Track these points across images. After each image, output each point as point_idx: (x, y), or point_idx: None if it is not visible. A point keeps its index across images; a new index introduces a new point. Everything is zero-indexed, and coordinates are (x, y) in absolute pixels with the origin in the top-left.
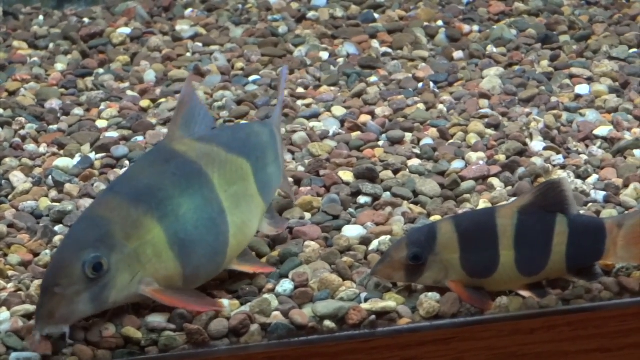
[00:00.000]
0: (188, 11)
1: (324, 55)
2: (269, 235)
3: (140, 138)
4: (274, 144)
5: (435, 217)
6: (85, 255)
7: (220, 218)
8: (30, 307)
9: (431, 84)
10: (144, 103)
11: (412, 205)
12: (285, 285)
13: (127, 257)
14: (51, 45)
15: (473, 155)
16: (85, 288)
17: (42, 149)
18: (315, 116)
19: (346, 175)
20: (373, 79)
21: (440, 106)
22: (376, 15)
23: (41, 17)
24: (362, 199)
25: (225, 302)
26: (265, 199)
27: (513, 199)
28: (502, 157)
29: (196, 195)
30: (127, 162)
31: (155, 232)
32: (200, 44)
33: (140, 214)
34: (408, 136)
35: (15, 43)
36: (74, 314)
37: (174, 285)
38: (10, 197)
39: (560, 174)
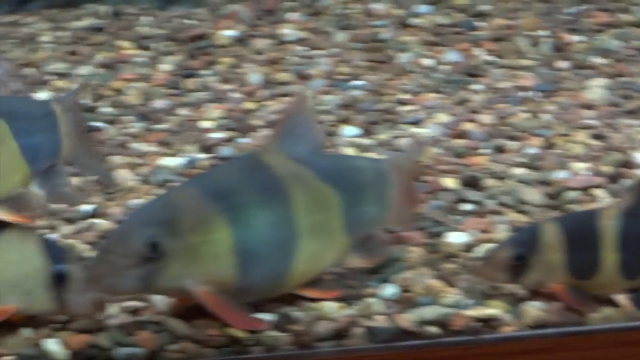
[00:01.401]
0: (292, 15)
1: (427, 62)
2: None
3: (245, 140)
4: (381, 185)
5: None
6: (147, 232)
7: (290, 241)
8: (139, 304)
9: (535, 93)
10: (249, 105)
11: (516, 214)
12: (389, 290)
13: (186, 249)
14: (156, 46)
15: (578, 166)
16: (137, 264)
17: (148, 147)
18: (418, 123)
19: (450, 182)
20: (477, 86)
21: (545, 115)
22: (480, 24)
23: (147, 18)
24: (465, 206)
25: (331, 304)
26: (351, 237)
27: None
28: (606, 168)
29: (272, 212)
30: None
31: (221, 233)
32: (304, 48)
33: (212, 211)
34: (512, 145)
35: (122, 43)
36: (119, 287)
37: (225, 291)
38: (116, 195)
39: None
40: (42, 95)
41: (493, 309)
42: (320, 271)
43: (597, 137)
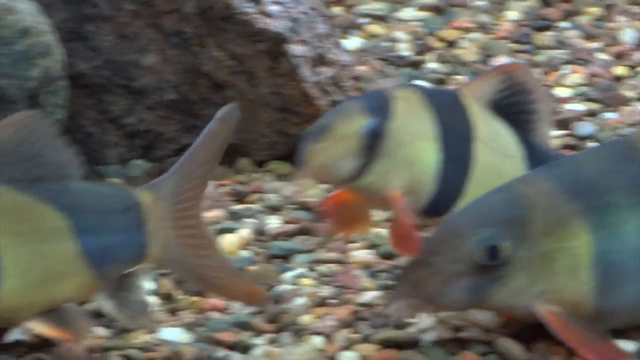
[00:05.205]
0: None
1: None
2: None
3: (611, 115)
4: None
5: None
6: (486, 232)
7: None
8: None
9: None
10: (619, 70)
11: None
12: None
13: (534, 258)
14: None
15: None
16: (468, 272)
17: None
18: None
19: None
20: None
21: None
22: None
23: None
24: None
25: None
26: None
27: None
28: None
29: None
30: (590, 144)
31: (581, 240)
32: None
33: (570, 212)
34: None
35: None
36: (442, 297)
37: (578, 315)
38: None
39: None
40: (352, 42)
41: None
42: None
43: None
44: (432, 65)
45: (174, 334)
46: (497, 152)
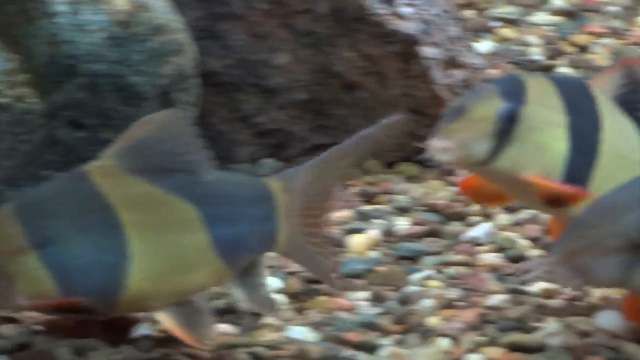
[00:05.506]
0: None
1: None
2: None
3: None
4: None
5: None
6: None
7: None
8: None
9: None
10: None
11: None
12: None
13: None
14: None
15: None
16: (622, 249)
17: None
18: None
19: None
20: None
21: None
22: None
23: None
24: None
25: None
26: None
27: None
28: None
29: None
30: None
31: None
32: None
33: None
34: None
35: None
36: (594, 270)
37: None
38: None
39: None
40: (483, 45)
41: None
42: None
43: None
44: (563, 69)
45: (300, 332)
46: (621, 144)
